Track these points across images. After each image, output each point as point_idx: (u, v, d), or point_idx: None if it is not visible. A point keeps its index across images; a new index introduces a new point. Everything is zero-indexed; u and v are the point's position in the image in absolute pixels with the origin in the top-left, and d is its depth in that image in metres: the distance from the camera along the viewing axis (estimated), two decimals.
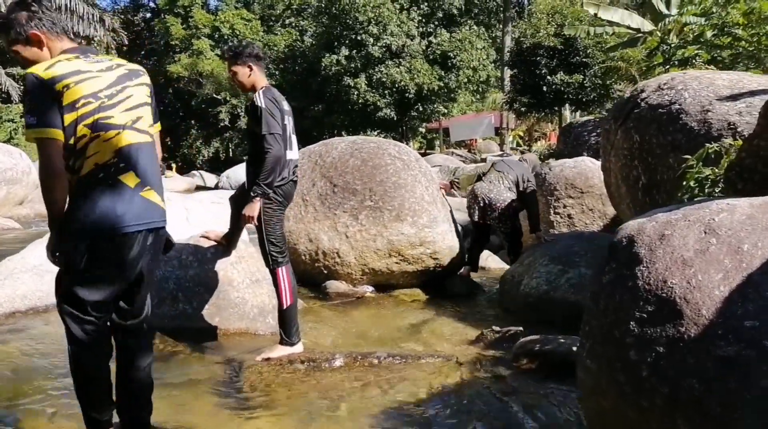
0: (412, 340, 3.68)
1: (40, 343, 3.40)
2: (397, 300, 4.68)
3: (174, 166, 27.82)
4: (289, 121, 3.17)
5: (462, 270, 5.15)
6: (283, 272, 3.13)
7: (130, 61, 2.29)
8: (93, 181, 1.93)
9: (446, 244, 4.80)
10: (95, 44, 26.50)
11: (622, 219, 4.52)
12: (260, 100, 2.99)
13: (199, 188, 19.78)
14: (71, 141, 1.89)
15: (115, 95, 2.00)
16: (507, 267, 5.52)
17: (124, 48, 30.06)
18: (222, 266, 3.76)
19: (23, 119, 1.94)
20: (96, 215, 1.92)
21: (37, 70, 1.88)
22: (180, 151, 33.36)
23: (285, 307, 3.12)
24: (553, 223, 6.04)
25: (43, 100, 1.85)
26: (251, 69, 3.10)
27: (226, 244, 3.77)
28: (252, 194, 2.98)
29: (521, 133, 29.58)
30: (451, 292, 4.86)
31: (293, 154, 3.19)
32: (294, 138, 3.23)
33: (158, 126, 2.19)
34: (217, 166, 27.95)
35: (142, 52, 34.83)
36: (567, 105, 18.36)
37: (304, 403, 2.64)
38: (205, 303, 3.65)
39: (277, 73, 27.62)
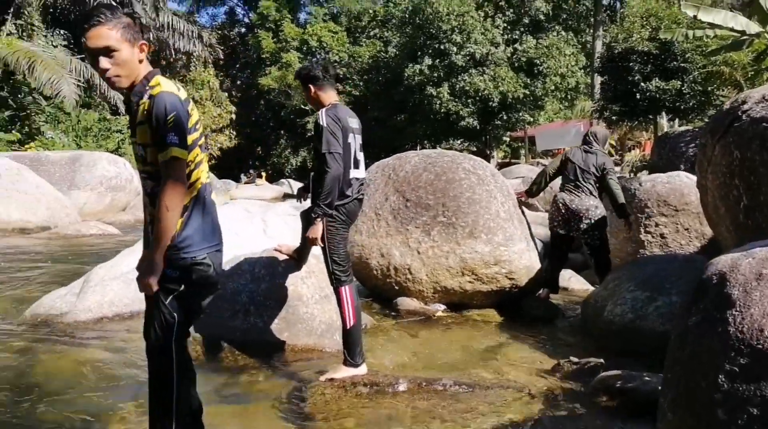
0: (482, 366, 3.51)
1: (122, 350, 3.57)
2: (470, 321, 4.52)
3: (264, 174, 28.99)
4: (355, 139, 3.13)
5: (541, 291, 4.91)
6: (347, 291, 3.07)
7: (225, 74, 2.33)
8: (201, 201, 1.98)
9: (523, 264, 4.59)
10: (194, 59, 28.35)
11: (722, 242, 4.12)
12: (322, 118, 2.98)
13: (287, 196, 20.44)
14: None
15: (198, 122, 2.05)
16: (591, 288, 5.21)
17: (221, 62, 31.89)
18: (292, 281, 3.79)
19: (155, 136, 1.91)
20: (206, 234, 1.97)
21: (173, 89, 1.91)
22: (270, 160, 34.75)
23: (348, 326, 3.06)
24: (644, 242, 5.62)
25: (184, 120, 1.89)
26: (311, 90, 3.13)
27: (297, 258, 3.80)
28: (313, 215, 2.97)
29: (612, 142, 28.17)
30: (528, 315, 4.63)
31: (359, 172, 3.15)
32: (361, 155, 3.18)
33: None
34: (305, 174, 28.74)
35: (237, 66, 36.67)
36: (663, 113, 17.24)
37: None
38: (274, 317, 3.68)
39: (360, 83, 28.12)
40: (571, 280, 5.66)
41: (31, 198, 9.61)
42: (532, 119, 25.45)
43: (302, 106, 30.39)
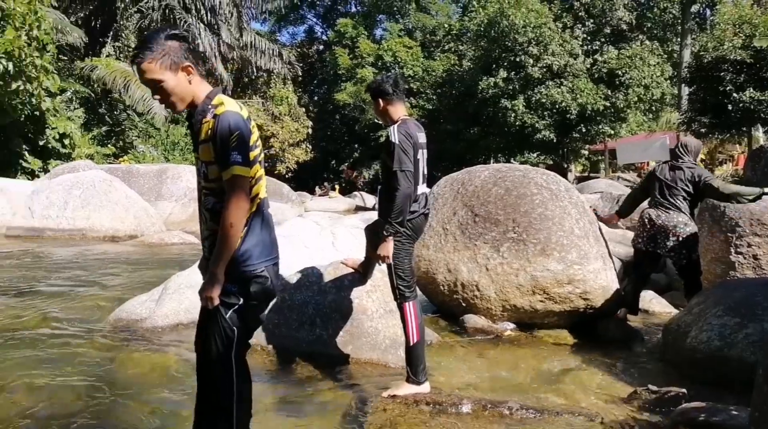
0: (552, 390, 3.35)
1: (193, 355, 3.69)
2: (540, 341, 4.35)
3: (337, 187, 29.56)
4: (423, 155, 3.11)
5: (619, 312, 4.65)
6: (410, 307, 3.03)
7: (303, 90, 2.38)
8: (261, 215, 2.02)
9: (599, 283, 4.36)
10: (274, 76, 29.50)
11: None
12: (394, 135, 2.97)
13: (359, 209, 20.74)
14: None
15: (259, 139, 2.09)
16: (674, 312, 4.87)
17: (299, 78, 32.96)
18: (357, 294, 3.80)
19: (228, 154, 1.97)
20: (265, 247, 2.01)
21: (236, 109, 1.94)
22: (343, 173, 35.40)
23: (412, 343, 3.01)
24: (734, 264, 5.20)
25: (247, 139, 1.93)
26: (380, 104, 3.14)
27: (363, 273, 3.81)
28: (385, 233, 2.95)
29: (703, 156, 26.53)
30: (604, 337, 4.39)
31: (423, 187, 3.12)
32: (425, 170, 3.16)
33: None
34: (377, 187, 29.06)
35: (314, 82, 37.76)
36: (759, 125, 16.06)
37: None
38: (339, 330, 3.70)
39: (434, 97, 28.10)
40: (653, 302, 5.32)
41: (120, 208, 10.28)
42: (612, 132, 24.42)
43: (376, 121, 30.72)
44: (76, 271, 6.76)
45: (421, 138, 3.13)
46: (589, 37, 23.50)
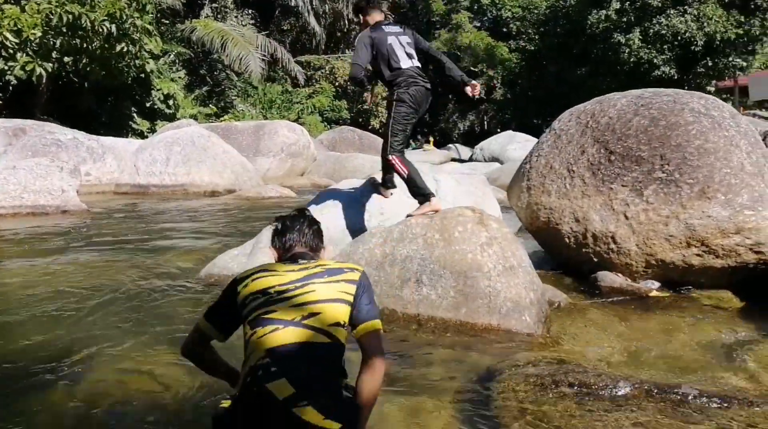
0: (729, 368, 2.60)
1: None
2: (697, 304, 3.53)
3: (432, 139, 28.74)
4: (395, 39, 3.73)
5: None
6: (396, 159, 3.62)
7: None
8: (244, 391, 1.53)
9: None
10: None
11: None
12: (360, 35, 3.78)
13: (454, 161, 19.96)
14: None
15: (290, 291, 1.60)
16: None
17: None
18: (471, 248, 3.19)
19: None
20: None
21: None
22: (437, 125, 34.37)
23: (406, 176, 3.59)
24: None
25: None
26: (362, 20, 3.89)
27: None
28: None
29: None
30: None
31: (409, 61, 3.74)
32: (407, 49, 3.76)
33: (370, 325, 1.65)
34: (472, 139, 27.92)
35: None
36: None
37: None
38: (450, 289, 3.13)
39: (536, 37, 26.15)
40: None
41: (219, 163, 10.28)
42: (745, 64, 21.46)
43: (471, 68, 29.31)
44: (175, 224, 6.70)
45: (390, 29, 3.78)
46: None
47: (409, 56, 3.76)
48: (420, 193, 3.60)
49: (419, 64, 3.82)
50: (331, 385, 1.54)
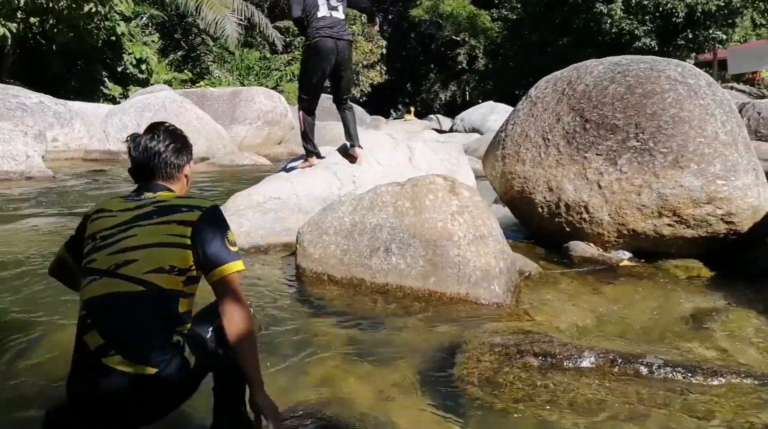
0: (695, 338, 2.59)
1: (252, 285, 3.21)
2: (667, 274, 3.52)
3: (413, 110, 28.50)
4: None
5: None
6: (302, 114, 4.31)
7: (378, 8, 1.64)
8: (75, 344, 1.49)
9: (748, 203, 3.43)
10: None
11: None
12: None
13: (435, 131, 19.79)
14: None
15: (112, 236, 1.51)
16: None
17: None
18: (441, 216, 3.12)
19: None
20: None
21: None
22: (419, 95, 34.06)
23: (302, 130, 4.29)
24: None
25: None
26: None
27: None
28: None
29: None
30: (751, 270, 3.48)
31: (326, 11, 3.99)
32: (332, 2, 4.04)
33: (218, 271, 1.51)
34: (453, 109, 27.74)
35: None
36: None
37: (537, 424, 1.87)
38: (419, 258, 3.07)
39: (519, 5, 25.83)
40: None
41: (192, 129, 9.97)
42: (724, 37, 21.49)
43: (453, 37, 28.92)
44: None
45: None
46: None
47: (331, 8, 3.94)
48: (306, 148, 4.35)
49: (343, 15, 4.03)
50: (150, 334, 1.44)
